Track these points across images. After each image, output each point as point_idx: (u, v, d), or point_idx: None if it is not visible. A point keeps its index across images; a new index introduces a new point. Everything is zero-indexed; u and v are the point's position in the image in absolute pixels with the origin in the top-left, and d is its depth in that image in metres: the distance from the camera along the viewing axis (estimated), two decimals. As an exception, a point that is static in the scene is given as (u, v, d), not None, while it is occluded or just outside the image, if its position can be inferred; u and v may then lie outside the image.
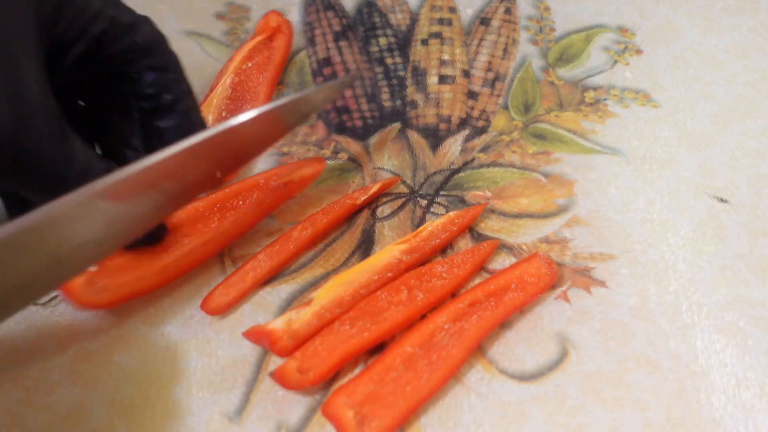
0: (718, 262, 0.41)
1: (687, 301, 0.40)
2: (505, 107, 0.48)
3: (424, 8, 0.54)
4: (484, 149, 0.46)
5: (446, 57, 0.51)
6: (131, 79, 0.36)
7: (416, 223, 0.43)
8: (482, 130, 0.47)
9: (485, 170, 0.45)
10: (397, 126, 0.47)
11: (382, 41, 0.52)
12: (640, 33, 0.53)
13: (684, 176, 0.45)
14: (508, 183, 0.45)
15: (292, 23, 0.51)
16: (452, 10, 0.54)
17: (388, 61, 0.51)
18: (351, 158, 0.46)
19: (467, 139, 0.47)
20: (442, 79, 0.50)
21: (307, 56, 0.51)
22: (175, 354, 0.37)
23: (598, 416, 0.36)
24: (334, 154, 0.46)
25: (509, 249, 0.42)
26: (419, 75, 0.50)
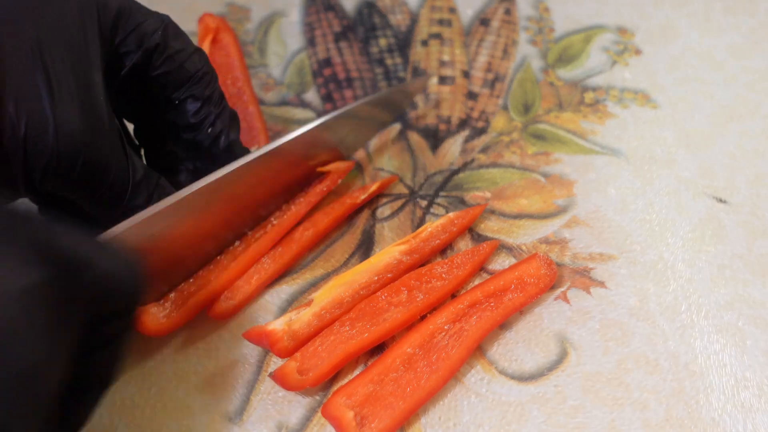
0: (717, 262, 0.41)
1: (686, 301, 0.40)
2: (505, 108, 0.48)
3: (423, 9, 0.54)
4: (484, 150, 0.46)
5: (446, 58, 0.51)
6: (174, 105, 0.36)
7: (416, 224, 0.43)
8: (482, 131, 0.47)
9: (485, 171, 0.45)
10: (397, 127, 0.47)
11: (382, 42, 0.52)
12: (639, 33, 0.53)
13: (683, 176, 0.45)
14: (508, 184, 0.45)
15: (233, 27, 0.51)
16: (452, 10, 0.54)
17: (388, 61, 0.51)
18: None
19: (467, 140, 0.47)
20: (442, 79, 0.50)
21: (308, 57, 0.51)
22: (176, 354, 0.37)
23: (598, 416, 0.36)
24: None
25: (509, 250, 0.42)
26: (419, 75, 0.50)
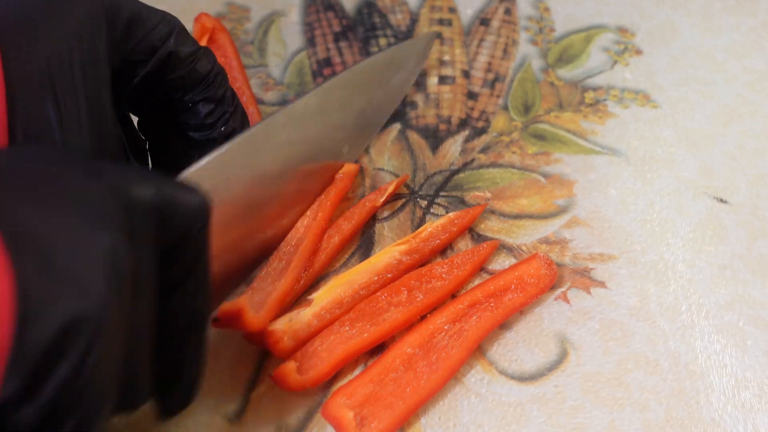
0: (718, 263, 0.41)
1: (686, 301, 0.40)
2: (505, 108, 0.48)
3: (423, 9, 0.54)
4: (484, 150, 0.46)
5: (446, 57, 0.51)
6: (187, 108, 0.36)
7: (416, 224, 0.43)
8: (482, 131, 0.47)
9: (485, 171, 0.45)
10: (397, 127, 0.47)
11: (382, 42, 0.52)
12: (639, 33, 0.53)
13: (683, 176, 0.45)
14: (508, 184, 0.45)
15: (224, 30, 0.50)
16: (452, 10, 0.54)
17: (388, 61, 0.51)
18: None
19: (467, 140, 0.47)
20: (442, 79, 0.50)
21: (307, 57, 0.51)
22: (176, 355, 0.37)
23: (598, 416, 0.36)
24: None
25: (509, 250, 0.42)
26: (419, 75, 0.50)
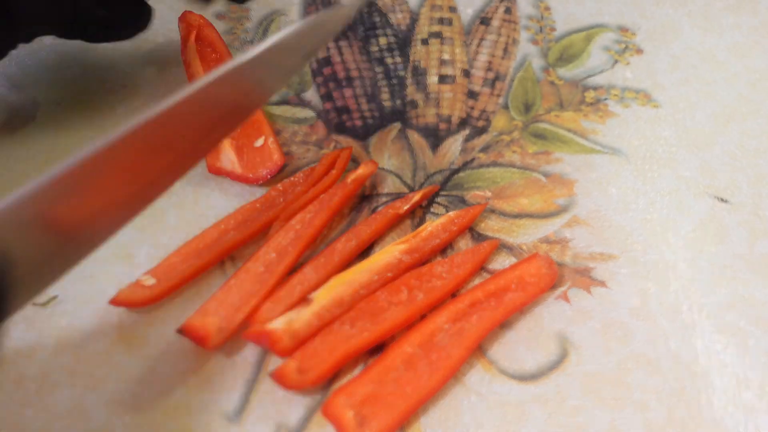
0: (719, 262, 0.41)
1: (687, 301, 0.40)
2: (506, 107, 0.48)
3: (424, 8, 0.54)
4: (484, 149, 0.46)
5: (446, 57, 0.51)
6: None
7: (416, 223, 0.43)
8: (482, 130, 0.47)
9: (485, 170, 0.45)
10: (397, 126, 0.47)
11: (382, 41, 0.52)
12: (640, 33, 0.53)
13: (684, 176, 0.45)
14: (508, 183, 0.45)
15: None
16: (452, 9, 0.54)
17: (388, 60, 0.51)
18: (351, 158, 0.46)
19: (467, 139, 0.47)
20: (442, 78, 0.50)
21: (307, 56, 0.51)
22: (175, 354, 0.37)
23: (598, 416, 0.36)
24: (334, 154, 0.46)
25: (509, 249, 0.42)
26: (419, 75, 0.50)
